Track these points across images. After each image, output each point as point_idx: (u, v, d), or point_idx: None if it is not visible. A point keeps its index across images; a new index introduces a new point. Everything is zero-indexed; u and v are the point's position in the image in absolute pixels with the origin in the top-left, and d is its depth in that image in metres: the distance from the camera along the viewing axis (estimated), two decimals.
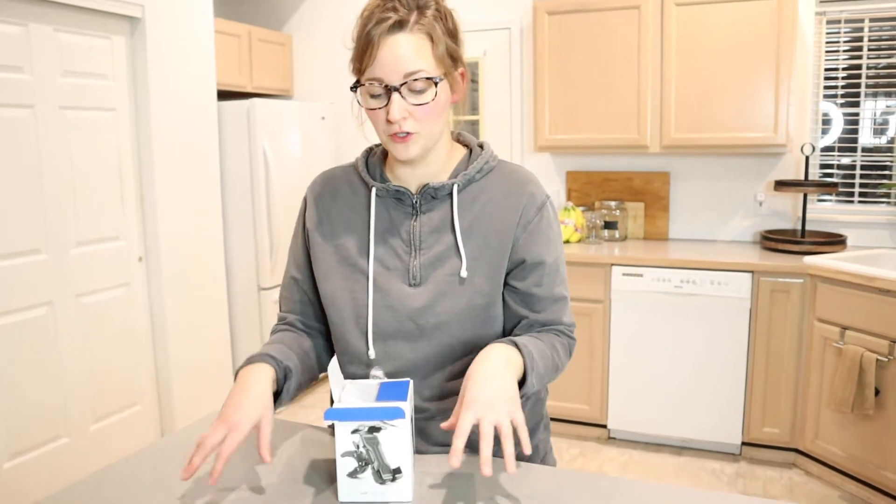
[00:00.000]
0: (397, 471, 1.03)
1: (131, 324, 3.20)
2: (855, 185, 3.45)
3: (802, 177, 3.45)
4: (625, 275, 3.27)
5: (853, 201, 3.46)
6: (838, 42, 3.40)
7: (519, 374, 1.07)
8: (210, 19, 3.49)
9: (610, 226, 3.73)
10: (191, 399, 3.45)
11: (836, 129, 3.47)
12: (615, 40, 3.43)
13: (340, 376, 1.10)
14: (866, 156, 3.42)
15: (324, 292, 1.23)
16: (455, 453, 0.92)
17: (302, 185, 3.97)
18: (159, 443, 1.28)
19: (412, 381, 1.12)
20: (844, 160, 3.47)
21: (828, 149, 3.50)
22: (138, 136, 3.20)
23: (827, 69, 3.44)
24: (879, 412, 2.70)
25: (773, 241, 3.31)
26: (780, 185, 3.33)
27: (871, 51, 3.35)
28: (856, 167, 3.44)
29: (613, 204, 3.75)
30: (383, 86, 1.07)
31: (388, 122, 1.08)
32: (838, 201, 3.50)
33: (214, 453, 1.13)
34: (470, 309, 1.16)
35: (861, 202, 3.45)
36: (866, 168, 3.43)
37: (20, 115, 2.68)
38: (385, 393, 1.06)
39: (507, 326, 1.23)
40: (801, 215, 3.40)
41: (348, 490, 1.04)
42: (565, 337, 1.22)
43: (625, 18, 3.39)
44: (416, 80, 1.06)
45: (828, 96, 3.46)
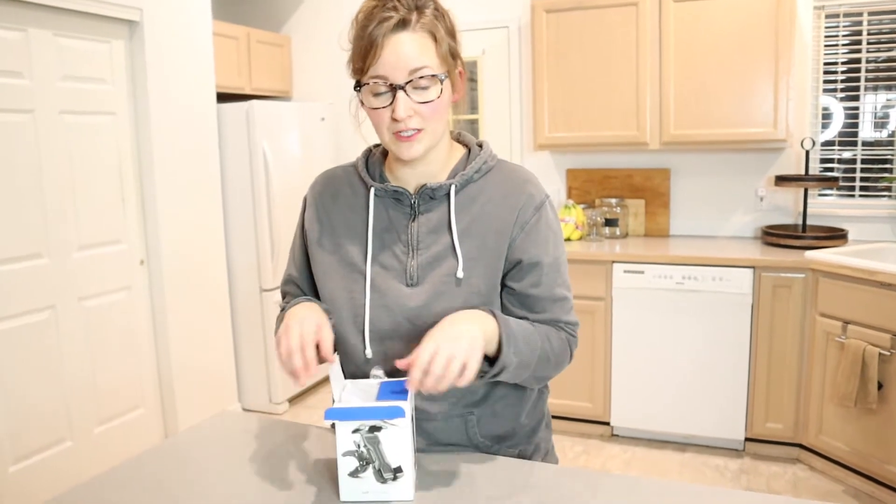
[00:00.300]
0: (398, 470, 1.03)
1: (133, 327, 3.20)
2: (856, 180, 3.45)
3: (803, 171, 3.44)
4: (626, 272, 3.27)
5: (854, 195, 3.46)
6: (837, 36, 3.40)
7: (491, 340, 1.07)
8: (208, 22, 3.50)
9: (610, 223, 3.72)
10: (193, 401, 3.46)
11: (836, 123, 3.47)
12: (613, 37, 3.43)
13: (341, 376, 1.10)
14: (867, 150, 3.42)
15: (322, 292, 1.24)
16: (411, 382, 0.99)
17: (302, 185, 3.96)
18: (163, 445, 1.28)
19: None
20: (845, 154, 3.46)
21: (828, 143, 3.49)
22: (138, 140, 3.20)
23: (826, 63, 3.43)
24: (882, 406, 2.70)
25: (775, 236, 3.31)
26: (781, 180, 3.33)
27: (870, 44, 3.34)
28: (856, 161, 3.44)
29: (614, 201, 3.75)
30: (388, 84, 1.07)
31: (394, 120, 1.09)
32: (839, 196, 3.49)
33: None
34: (467, 309, 1.16)
35: (862, 196, 3.44)
36: (867, 162, 3.42)
37: (20, 119, 2.68)
38: (385, 392, 1.06)
39: None
40: (801, 210, 3.40)
41: (350, 489, 1.04)
42: (564, 332, 1.22)
43: (623, 15, 3.39)
44: (421, 77, 1.07)
45: (827, 90, 3.46)
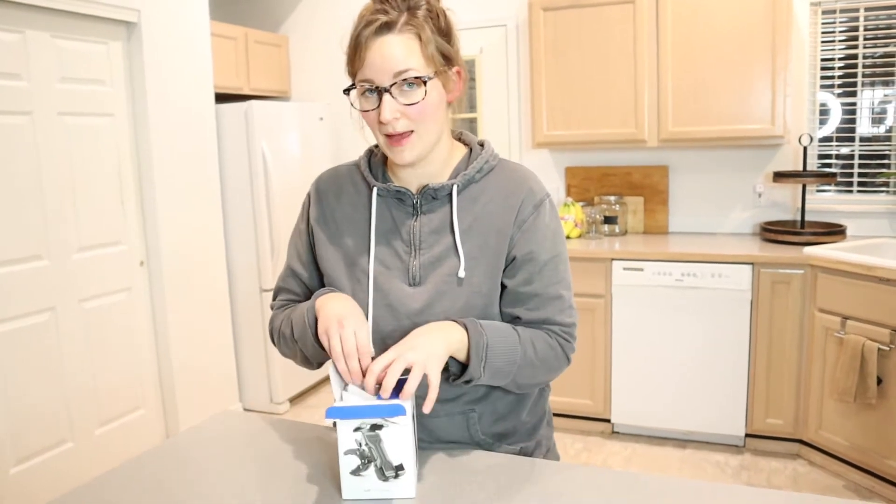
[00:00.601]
0: (400, 468, 1.03)
1: (134, 328, 3.21)
2: (854, 175, 3.45)
3: (801, 167, 3.45)
4: (625, 269, 3.27)
5: (852, 191, 3.46)
6: (834, 32, 3.40)
7: (461, 349, 1.09)
8: (206, 22, 3.50)
9: (610, 220, 3.73)
10: (194, 402, 3.46)
11: (833, 119, 3.47)
12: (611, 35, 3.43)
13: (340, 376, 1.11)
14: (864, 145, 3.42)
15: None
16: (367, 387, 1.01)
17: (301, 185, 3.97)
18: (164, 446, 1.28)
19: None
20: (843, 150, 3.47)
21: (826, 139, 3.50)
22: (137, 141, 3.20)
23: (823, 59, 3.44)
24: (882, 401, 2.71)
25: (773, 232, 3.31)
26: (779, 176, 3.33)
27: (867, 40, 3.34)
28: (854, 157, 3.44)
29: (613, 199, 3.75)
30: (374, 87, 1.08)
31: (381, 122, 1.09)
32: (837, 191, 3.50)
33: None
34: (468, 309, 1.16)
35: (860, 192, 3.45)
36: (865, 157, 3.42)
37: (19, 122, 2.68)
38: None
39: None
40: (800, 206, 3.40)
41: (352, 487, 1.04)
42: (556, 337, 1.20)
43: (620, 13, 3.39)
44: (405, 79, 1.07)
45: (825, 86, 3.46)
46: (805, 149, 3.34)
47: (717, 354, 3.17)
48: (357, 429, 1.01)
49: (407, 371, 1.01)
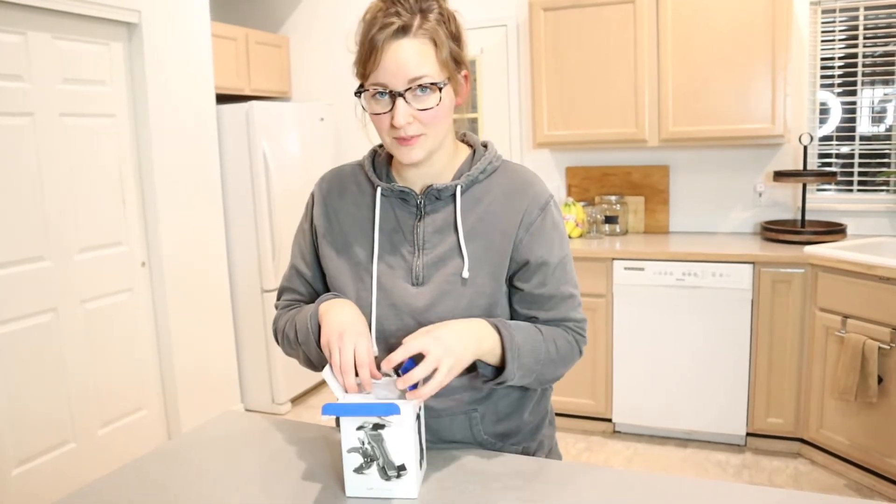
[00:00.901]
0: (402, 468, 1.04)
1: (135, 328, 3.21)
2: (854, 174, 3.45)
3: (801, 167, 3.45)
4: (626, 269, 3.27)
5: (852, 190, 3.47)
6: (834, 31, 3.40)
7: (490, 352, 1.11)
8: (207, 23, 3.50)
9: (610, 220, 3.73)
10: (196, 402, 3.47)
11: (833, 118, 3.47)
12: (611, 35, 3.43)
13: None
14: (865, 144, 3.42)
15: (332, 288, 1.25)
16: (409, 386, 1.01)
17: (302, 186, 3.97)
18: (166, 446, 1.29)
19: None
20: (843, 149, 3.47)
21: (826, 138, 3.50)
22: (138, 142, 3.21)
23: (823, 58, 3.44)
24: (883, 400, 2.71)
25: (774, 231, 3.32)
26: (779, 175, 3.33)
27: (867, 39, 3.35)
28: (854, 156, 3.45)
29: (613, 198, 3.75)
30: (387, 91, 1.07)
31: (393, 126, 1.09)
32: (837, 190, 3.50)
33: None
34: (472, 309, 1.16)
35: (860, 191, 3.45)
36: (865, 157, 3.43)
37: (20, 123, 2.69)
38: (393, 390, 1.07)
39: None
40: (800, 205, 3.41)
41: (355, 485, 1.05)
42: (572, 333, 1.24)
43: (620, 13, 3.39)
44: (420, 85, 1.07)
45: (825, 86, 3.47)
46: (805, 148, 3.35)
47: (718, 354, 3.17)
48: (360, 427, 1.02)
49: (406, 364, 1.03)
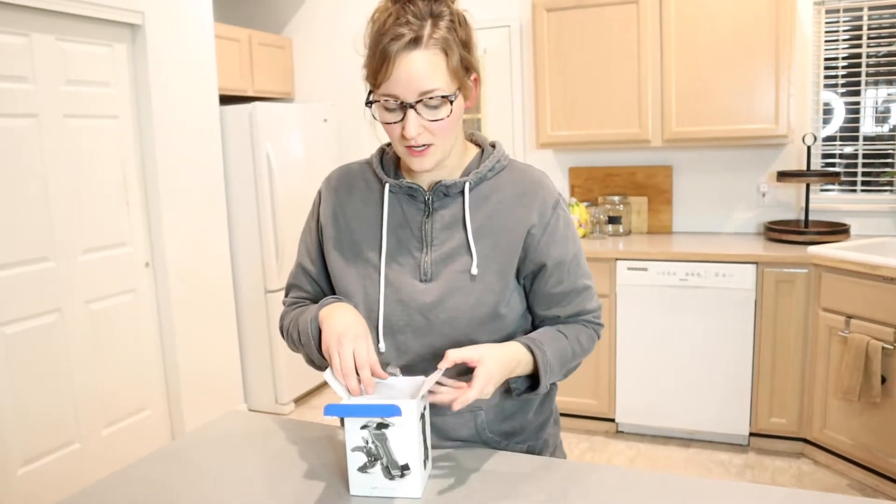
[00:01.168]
0: (406, 467, 1.04)
1: (139, 329, 3.22)
2: (857, 174, 3.45)
3: (805, 167, 3.44)
4: (630, 269, 3.27)
5: (856, 190, 3.46)
6: (837, 31, 3.40)
7: (523, 372, 1.17)
8: (210, 24, 3.51)
9: (614, 220, 3.73)
10: (200, 403, 3.47)
11: (837, 118, 3.47)
12: (614, 35, 3.43)
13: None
14: (868, 144, 3.42)
15: (337, 286, 1.25)
16: (457, 401, 1.05)
17: (306, 186, 3.98)
18: (170, 446, 1.29)
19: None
20: (847, 149, 3.47)
21: (829, 138, 3.49)
22: (142, 143, 3.22)
23: (827, 59, 3.44)
24: (886, 400, 2.70)
25: (777, 231, 3.31)
26: (783, 175, 3.33)
27: (870, 39, 3.34)
28: (858, 156, 3.44)
29: (617, 199, 3.75)
30: (399, 102, 1.08)
31: (404, 136, 1.10)
32: (841, 191, 3.49)
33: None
34: (480, 306, 1.17)
35: (864, 191, 3.44)
36: (868, 157, 3.42)
37: (24, 124, 2.70)
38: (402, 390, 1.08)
39: (536, 323, 1.28)
40: (804, 205, 3.40)
41: (358, 484, 1.05)
42: (592, 325, 1.28)
43: (623, 13, 3.40)
44: (431, 98, 1.07)
45: (828, 86, 3.46)
46: (809, 148, 3.34)
47: (721, 354, 3.17)
48: (364, 426, 1.02)
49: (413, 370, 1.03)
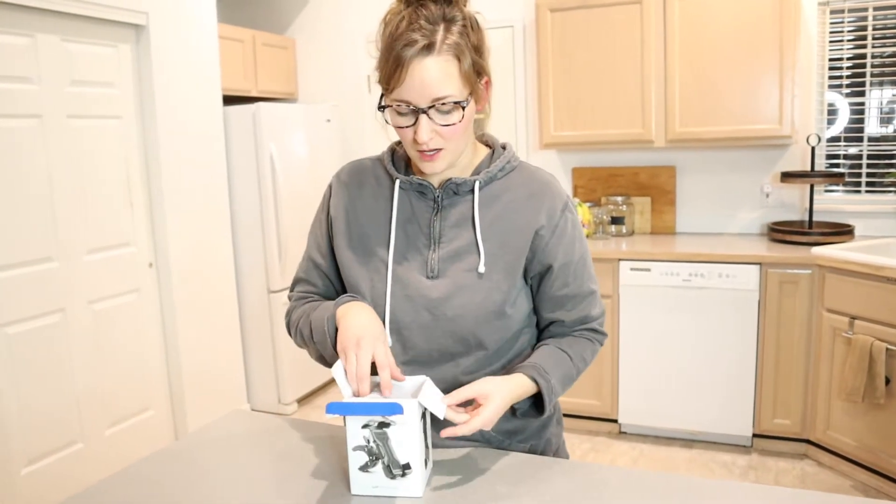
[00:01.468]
0: (407, 466, 1.04)
1: (142, 329, 3.23)
2: (862, 175, 3.44)
3: (809, 168, 3.44)
4: (633, 269, 3.27)
5: (860, 191, 3.45)
6: (842, 32, 3.39)
7: (525, 395, 1.17)
8: (214, 25, 3.52)
9: (617, 221, 3.73)
10: (203, 402, 3.48)
11: (842, 119, 3.46)
12: (618, 36, 3.43)
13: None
14: (873, 145, 3.41)
15: (346, 279, 1.26)
16: (462, 428, 1.06)
17: (309, 187, 3.98)
18: (173, 446, 1.29)
19: (428, 377, 1.14)
20: (851, 150, 3.46)
21: (834, 139, 3.49)
22: (145, 143, 3.22)
23: (831, 59, 3.43)
24: (890, 401, 2.69)
25: (781, 232, 3.31)
26: (787, 176, 3.32)
27: (875, 39, 3.33)
28: (862, 157, 3.43)
29: (620, 199, 3.75)
30: (411, 108, 1.09)
31: (416, 141, 1.11)
32: (845, 191, 3.49)
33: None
34: (487, 304, 1.17)
35: (868, 192, 3.43)
36: (873, 157, 3.41)
37: (29, 124, 2.70)
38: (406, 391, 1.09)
39: (541, 325, 1.28)
40: (808, 206, 3.39)
41: (360, 483, 1.05)
42: (595, 337, 1.29)
43: (627, 14, 3.39)
44: (444, 104, 1.08)
45: (833, 86, 3.45)
46: (813, 149, 3.33)
47: (724, 354, 3.16)
48: (365, 426, 1.02)
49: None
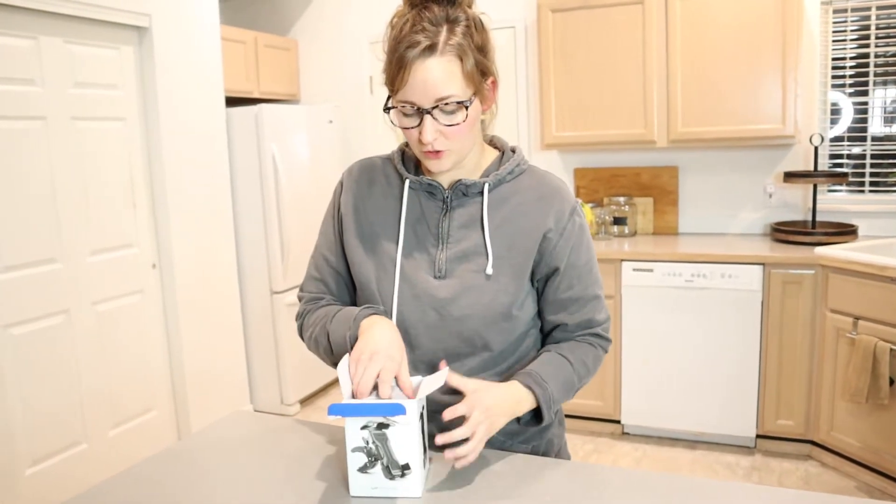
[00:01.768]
0: (406, 467, 1.04)
1: (146, 330, 3.23)
2: (865, 175, 3.43)
3: (812, 167, 3.43)
4: (635, 270, 3.26)
5: (864, 191, 3.44)
6: (845, 31, 3.38)
7: (527, 408, 1.17)
8: (216, 26, 3.52)
9: (619, 221, 3.72)
10: (206, 403, 3.49)
11: (845, 118, 3.45)
12: (620, 36, 3.43)
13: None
14: (876, 145, 3.40)
15: (356, 276, 1.26)
16: (451, 452, 1.05)
17: (311, 187, 3.99)
18: (176, 447, 1.30)
19: (424, 375, 1.14)
20: (854, 150, 3.45)
21: (837, 139, 3.48)
22: (148, 145, 3.23)
23: (834, 58, 3.42)
24: (894, 402, 2.69)
25: (784, 232, 3.30)
26: (790, 176, 3.31)
27: (878, 39, 3.32)
28: (866, 156, 3.42)
29: (622, 199, 3.75)
30: (415, 108, 1.10)
31: (421, 141, 1.12)
32: (849, 191, 3.48)
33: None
34: (494, 305, 1.18)
35: (872, 192, 3.42)
36: (876, 157, 3.40)
37: (32, 126, 2.71)
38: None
39: (545, 329, 1.28)
40: (811, 206, 3.39)
41: (359, 485, 1.05)
42: (599, 343, 1.27)
43: (629, 14, 3.39)
44: (447, 104, 1.09)
45: (836, 86, 3.44)
46: (816, 149, 3.33)
47: (727, 355, 3.15)
48: (364, 427, 1.03)
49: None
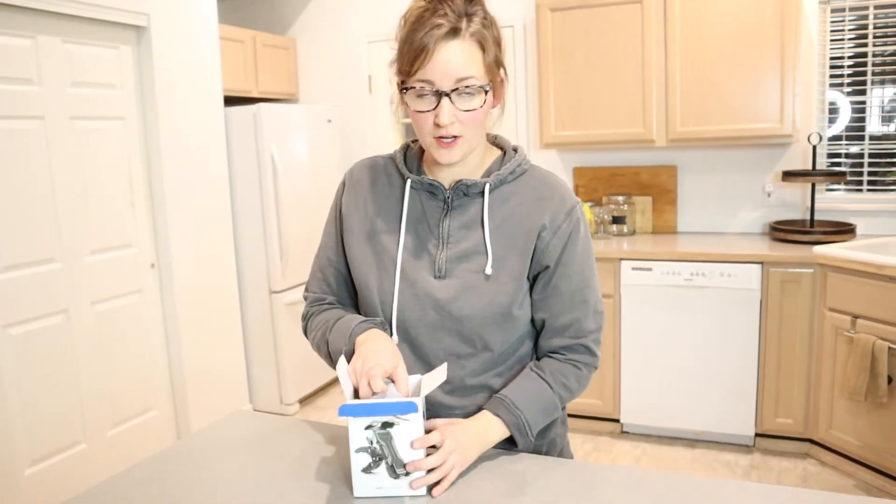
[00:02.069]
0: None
1: (145, 330, 3.23)
2: (863, 174, 3.44)
3: (810, 166, 3.43)
4: (634, 269, 3.27)
5: (862, 190, 3.45)
6: (843, 30, 3.39)
7: (502, 436, 1.19)
8: (215, 26, 3.52)
9: (618, 220, 3.73)
10: (205, 403, 3.48)
11: (843, 117, 3.46)
12: (619, 35, 3.43)
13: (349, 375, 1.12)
14: (874, 144, 3.41)
15: (356, 276, 1.27)
16: (419, 480, 1.06)
17: (310, 187, 3.99)
18: (175, 446, 1.30)
19: (423, 373, 1.14)
20: (852, 149, 3.46)
21: (835, 138, 3.48)
22: (147, 144, 3.23)
23: (832, 58, 3.42)
24: (893, 400, 2.69)
25: (783, 231, 3.30)
26: (788, 175, 3.32)
27: (876, 38, 3.33)
28: (864, 155, 3.43)
29: (621, 199, 3.75)
30: (434, 90, 1.10)
31: (436, 125, 1.12)
32: (847, 190, 3.48)
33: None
34: (494, 306, 1.18)
35: (870, 190, 3.43)
36: (874, 156, 3.41)
37: (31, 126, 2.71)
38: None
39: (537, 331, 1.28)
40: (809, 205, 3.39)
41: (363, 485, 1.05)
42: (585, 361, 1.25)
43: (628, 13, 3.39)
44: (467, 86, 1.10)
45: (834, 85, 3.45)
46: (814, 148, 3.33)
47: (726, 354, 3.16)
48: (368, 427, 1.03)
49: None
